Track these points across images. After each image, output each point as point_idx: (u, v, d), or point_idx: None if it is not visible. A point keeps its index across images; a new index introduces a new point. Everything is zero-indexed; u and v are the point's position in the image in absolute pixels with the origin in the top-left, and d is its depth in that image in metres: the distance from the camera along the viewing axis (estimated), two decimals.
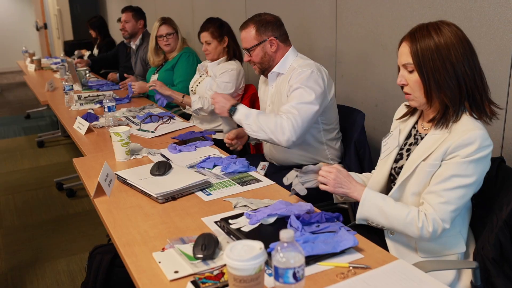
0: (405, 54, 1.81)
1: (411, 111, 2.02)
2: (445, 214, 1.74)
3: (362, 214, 1.87)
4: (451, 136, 1.76)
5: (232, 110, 2.64)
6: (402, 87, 1.90)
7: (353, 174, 2.16)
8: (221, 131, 3.66)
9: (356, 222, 1.91)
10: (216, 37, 3.65)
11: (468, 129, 1.73)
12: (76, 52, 7.66)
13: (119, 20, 5.50)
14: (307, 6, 3.57)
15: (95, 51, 7.15)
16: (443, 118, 1.80)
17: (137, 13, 5.41)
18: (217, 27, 3.66)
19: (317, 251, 1.56)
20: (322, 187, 1.95)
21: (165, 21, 4.37)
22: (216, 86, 3.57)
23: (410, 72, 1.82)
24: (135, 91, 4.23)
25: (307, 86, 2.57)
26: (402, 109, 2.10)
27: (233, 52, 3.71)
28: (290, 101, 2.58)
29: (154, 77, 4.48)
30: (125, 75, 4.94)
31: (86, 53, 7.26)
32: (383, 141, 2.12)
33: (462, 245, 1.86)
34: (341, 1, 3.22)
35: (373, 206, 1.84)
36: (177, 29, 4.41)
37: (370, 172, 2.27)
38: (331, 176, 1.91)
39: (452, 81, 1.75)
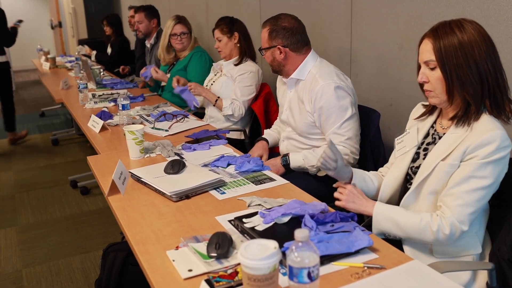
0: (427, 51, 1.80)
1: (429, 110, 2.00)
2: (464, 216, 1.73)
3: (378, 228, 1.89)
4: (470, 136, 1.74)
5: (284, 160, 2.72)
6: (421, 85, 1.88)
7: (359, 170, 2.15)
8: (235, 130, 3.66)
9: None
10: (225, 33, 3.66)
11: (487, 129, 1.71)
12: (79, 48, 7.63)
13: (130, 7, 5.48)
14: (321, 5, 3.55)
15: (109, 50, 7.16)
16: (465, 116, 1.79)
17: (150, 13, 5.41)
18: (227, 23, 3.68)
19: (332, 250, 1.55)
20: (336, 203, 2.00)
21: (180, 20, 4.36)
22: (241, 94, 3.59)
23: (432, 69, 1.80)
24: (155, 76, 4.30)
25: (338, 105, 2.58)
26: (419, 109, 2.08)
27: (244, 50, 3.70)
28: (331, 126, 2.61)
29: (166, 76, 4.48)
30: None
31: (93, 52, 7.25)
32: (396, 139, 2.11)
33: (478, 247, 1.85)
34: (356, 0, 3.20)
35: (385, 219, 1.87)
36: (191, 29, 4.41)
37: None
38: (345, 191, 1.96)
39: (475, 78, 1.74)
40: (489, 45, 1.74)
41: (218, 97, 3.64)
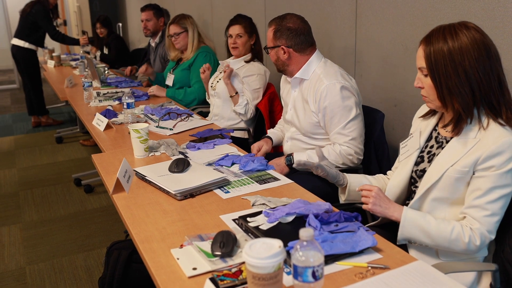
0: (420, 58, 1.81)
1: (433, 110, 2.00)
2: (492, 226, 1.73)
3: (404, 235, 1.84)
4: (481, 144, 1.73)
5: (288, 160, 2.73)
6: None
7: (358, 177, 2.15)
8: (239, 129, 3.66)
9: (398, 243, 1.87)
10: (248, 32, 3.65)
11: (498, 136, 1.70)
12: (81, 50, 7.63)
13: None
14: (326, 5, 3.55)
15: (105, 50, 7.17)
16: (458, 124, 1.79)
17: (158, 11, 5.44)
18: (249, 22, 3.69)
19: (336, 250, 1.55)
20: (363, 206, 1.91)
21: (174, 20, 4.36)
22: (252, 98, 3.61)
23: (425, 76, 1.81)
24: (152, 91, 4.27)
25: (343, 105, 2.59)
26: (424, 108, 2.08)
27: (257, 52, 3.72)
28: (336, 126, 2.63)
29: (171, 77, 4.48)
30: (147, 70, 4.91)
31: (97, 53, 7.25)
32: (401, 144, 2.10)
33: (484, 250, 1.84)
34: (361, 0, 3.20)
35: (414, 226, 1.81)
36: (187, 28, 4.38)
37: (386, 173, 2.25)
38: (371, 193, 1.87)
39: (464, 87, 1.72)
40: (482, 52, 1.71)
41: (237, 93, 3.63)
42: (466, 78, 1.72)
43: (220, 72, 3.84)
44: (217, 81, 3.79)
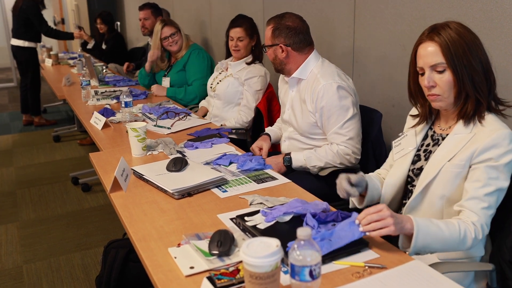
0: (433, 55, 1.75)
1: (423, 118, 1.98)
2: (488, 219, 1.72)
3: (417, 247, 1.62)
4: (477, 137, 1.74)
5: (286, 160, 2.72)
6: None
7: (370, 179, 2.13)
8: (237, 129, 3.66)
9: (410, 255, 1.70)
10: (248, 34, 3.64)
11: (493, 130, 1.71)
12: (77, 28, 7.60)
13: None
14: (325, 5, 3.55)
15: (103, 47, 7.16)
16: (475, 115, 1.78)
17: (156, 10, 5.45)
18: (250, 24, 3.67)
19: (337, 245, 1.54)
20: (382, 232, 1.57)
21: (166, 22, 4.37)
22: (252, 100, 3.62)
23: (440, 72, 1.76)
24: (153, 92, 4.27)
25: (340, 105, 2.59)
26: (409, 120, 2.09)
27: (258, 53, 3.71)
28: (333, 126, 2.62)
29: (166, 80, 4.47)
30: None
31: (91, 41, 7.21)
32: (394, 142, 2.10)
33: (481, 250, 1.84)
34: (359, 0, 3.20)
35: (427, 234, 1.62)
36: (178, 27, 4.41)
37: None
38: (385, 213, 1.57)
39: (480, 76, 1.74)
40: (481, 45, 1.75)
41: (221, 124, 3.63)
42: (481, 67, 1.73)
43: (220, 73, 3.83)
44: (217, 83, 3.77)
